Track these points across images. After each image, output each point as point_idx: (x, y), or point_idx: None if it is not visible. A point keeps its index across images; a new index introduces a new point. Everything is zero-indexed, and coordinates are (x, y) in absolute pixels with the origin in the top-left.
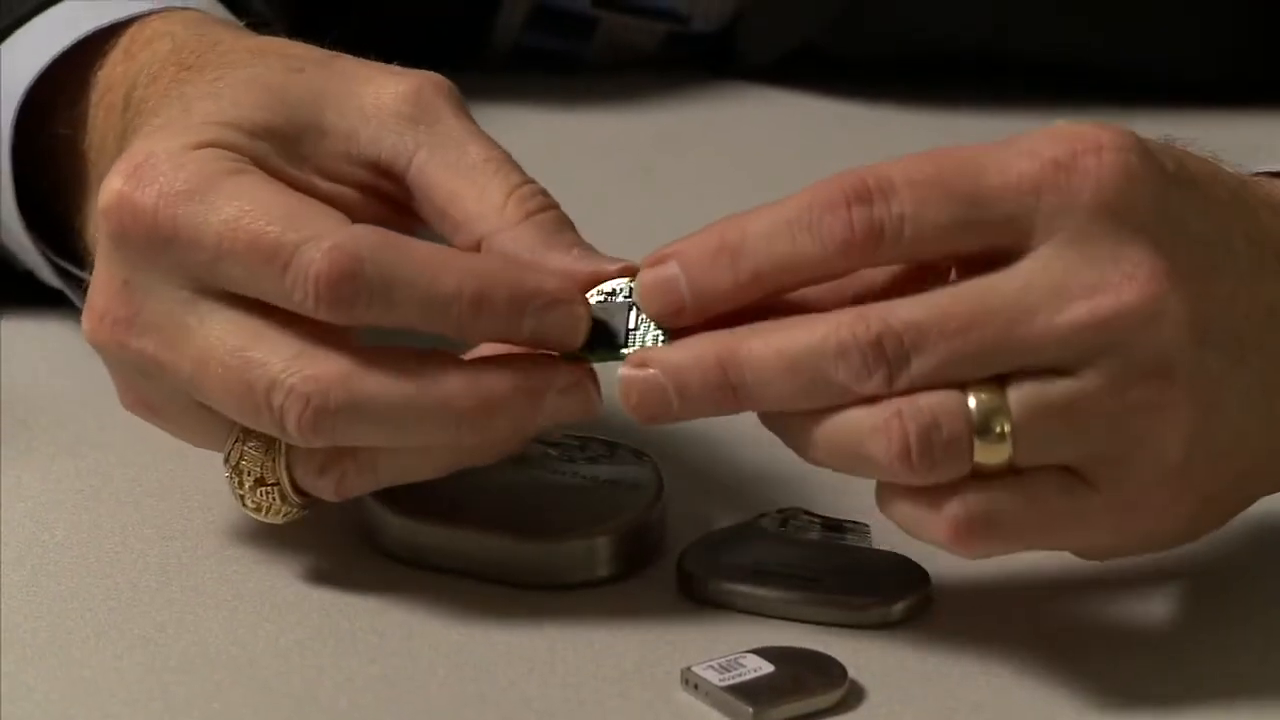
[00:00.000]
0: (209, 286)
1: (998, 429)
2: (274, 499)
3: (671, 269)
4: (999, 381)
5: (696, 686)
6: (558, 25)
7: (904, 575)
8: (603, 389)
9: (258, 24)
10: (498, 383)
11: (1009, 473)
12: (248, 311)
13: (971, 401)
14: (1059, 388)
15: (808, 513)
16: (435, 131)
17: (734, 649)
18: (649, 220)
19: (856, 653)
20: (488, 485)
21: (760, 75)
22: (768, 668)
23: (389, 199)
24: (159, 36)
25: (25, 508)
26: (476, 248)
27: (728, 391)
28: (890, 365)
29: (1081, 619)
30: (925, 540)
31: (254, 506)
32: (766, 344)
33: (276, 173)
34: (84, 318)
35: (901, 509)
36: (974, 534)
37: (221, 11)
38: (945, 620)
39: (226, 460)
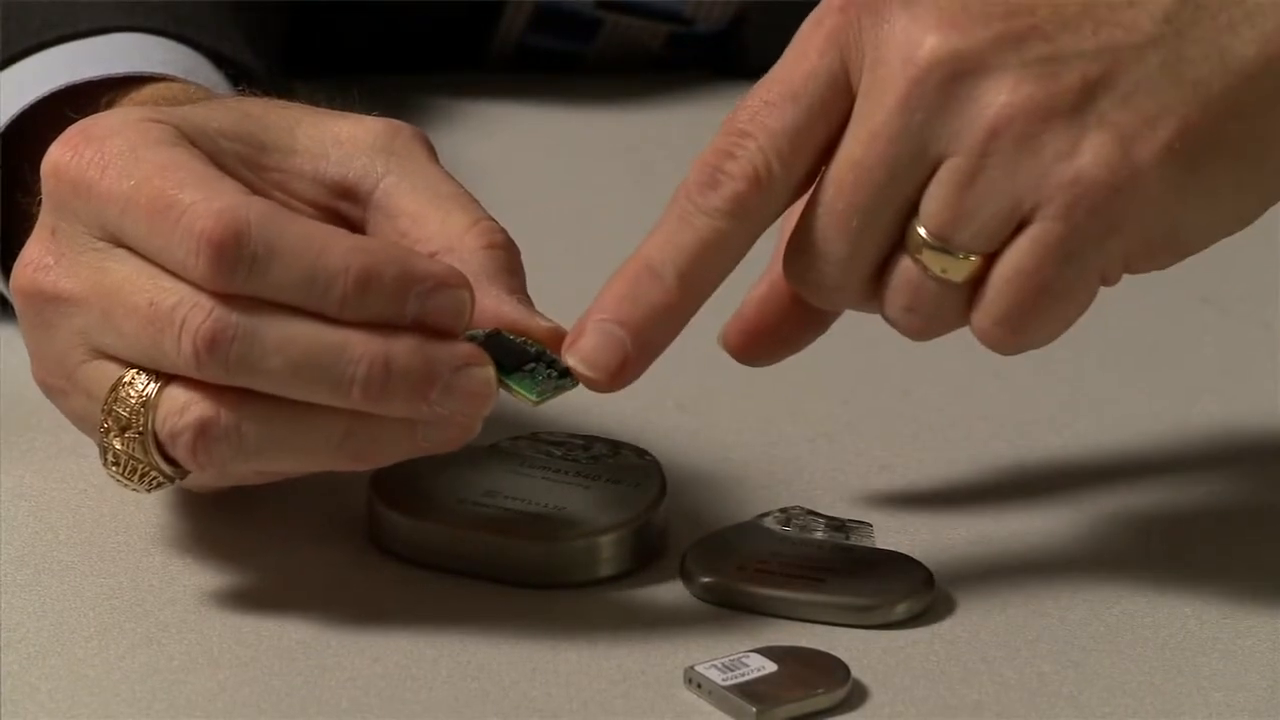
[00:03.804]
0: (120, 241)
1: (941, 249)
2: (135, 448)
3: (598, 328)
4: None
5: (699, 686)
6: (561, 26)
7: (907, 574)
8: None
9: (241, 74)
10: (400, 344)
11: (991, 262)
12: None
13: (914, 253)
14: (945, 168)
15: (810, 511)
16: (407, 163)
17: (737, 648)
18: (650, 221)
19: (860, 652)
20: (491, 485)
21: (763, 75)
22: (771, 667)
23: (345, 221)
24: (152, 97)
25: (28, 507)
26: None
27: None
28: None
29: (1085, 619)
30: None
31: (115, 460)
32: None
33: (230, 171)
34: (14, 269)
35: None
36: (1009, 324)
37: (208, 73)
38: (948, 620)
39: (102, 406)
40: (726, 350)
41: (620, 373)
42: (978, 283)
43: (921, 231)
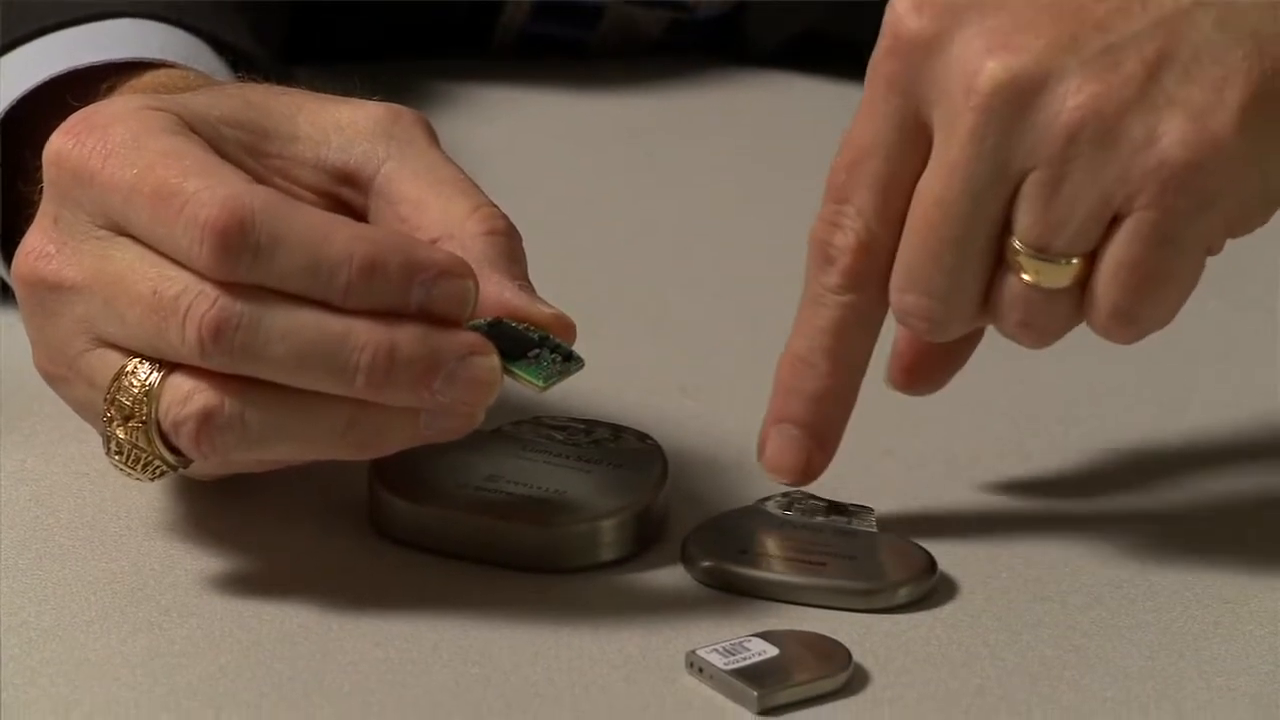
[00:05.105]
0: (123, 229)
1: (1041, 259)
2: (139, 437)
3: (775, 434)
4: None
5: (701, 670)
6: (564, 15)
7: (909, 559)
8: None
9: (241, 60)
10: (404, 333)
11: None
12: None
13: (1016, 268)
14: (1029, 183)
15: (812, 496)
16: (407, 148)
17: (739, 633)
18: (654, 205)
19: (861, 636)
20: (492, 469)
21: (765, 60)
22: (772, 651)
23: (347, 207)
24: (153, 84)
25: (29, 491)
26: None
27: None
28: (913, 303)
29: (1087, 603)
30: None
31: (119, 449)
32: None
33: (231, 159)
34: (15, 257)
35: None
36: (1123, 316)
37: (209, 60)
38: (950, 604)
39: (105, 395)
40: (894, 389)
41: (809, 468)
42: (1084, 283)
43: (1019, 246)
